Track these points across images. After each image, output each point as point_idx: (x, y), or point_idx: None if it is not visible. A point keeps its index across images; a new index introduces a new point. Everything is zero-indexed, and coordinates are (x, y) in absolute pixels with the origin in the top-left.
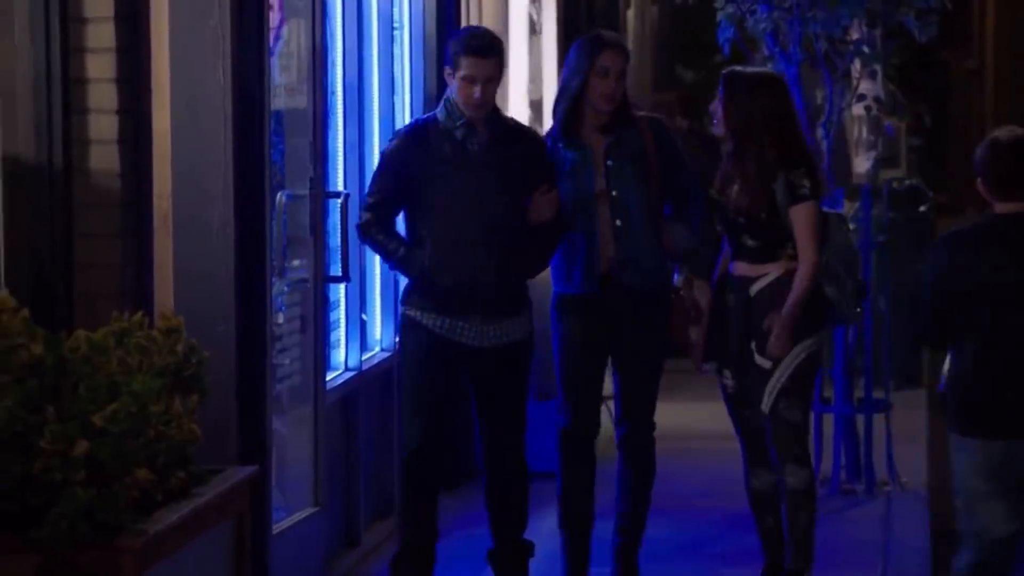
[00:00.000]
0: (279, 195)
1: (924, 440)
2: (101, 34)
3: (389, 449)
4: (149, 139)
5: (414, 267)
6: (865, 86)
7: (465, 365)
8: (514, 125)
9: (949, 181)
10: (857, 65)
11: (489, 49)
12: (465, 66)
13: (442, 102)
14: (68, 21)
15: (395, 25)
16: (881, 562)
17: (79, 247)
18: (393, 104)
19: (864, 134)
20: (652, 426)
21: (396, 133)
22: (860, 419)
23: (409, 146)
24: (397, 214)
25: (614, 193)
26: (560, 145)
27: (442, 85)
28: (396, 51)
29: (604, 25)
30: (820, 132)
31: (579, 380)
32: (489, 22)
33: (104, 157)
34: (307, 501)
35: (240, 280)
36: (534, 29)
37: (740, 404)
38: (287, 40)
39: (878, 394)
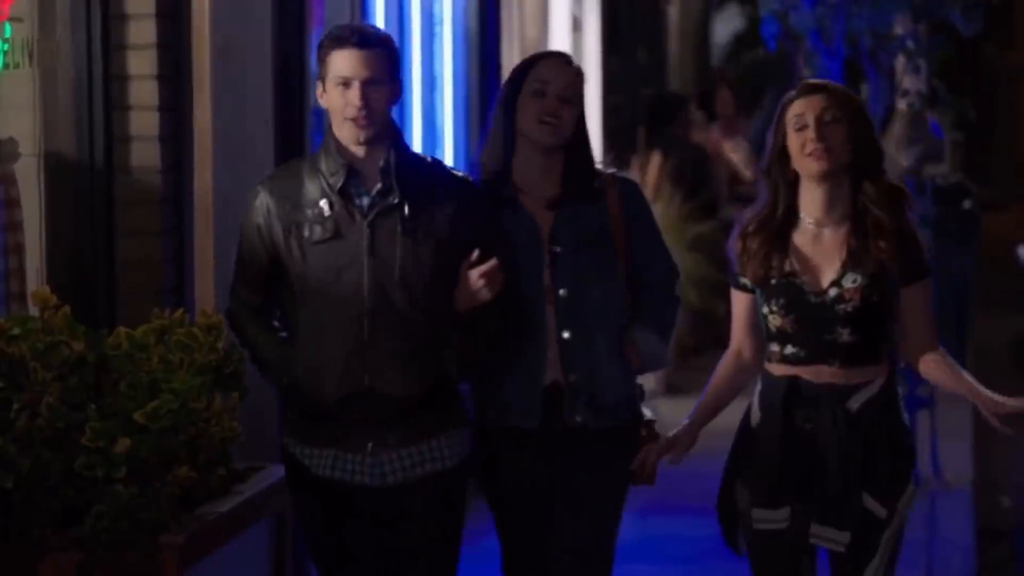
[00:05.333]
0: None
1: (969, 437)
2: (142, 31)
3: None
4: (190, 136)
5: (283, 375)
6: (908, 81)
7: (370, 518)
8: (424, 162)
9: (993, 177)
10: (901, 60)
11: (367, 39)
12: (336, 62)
13: (322, 139)
14: (109, 18)
15: (435, 21)
16: (925, 560)
17: (120, 244)
18: (433, 101)
19: (908, 130)
20: None
21: (258, 183)
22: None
23: (271, 201)
24: (272, 293)
25: (562, 292)
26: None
27: (485, 83)
28: (437, 47)
29: (646, 20)
30: None
31: (524, 554)
32: (531, 18)
33: (145, 154)
34: None
35: None
36: (576, 25)
37: (800, 556)
38: None
39: (922, 391)
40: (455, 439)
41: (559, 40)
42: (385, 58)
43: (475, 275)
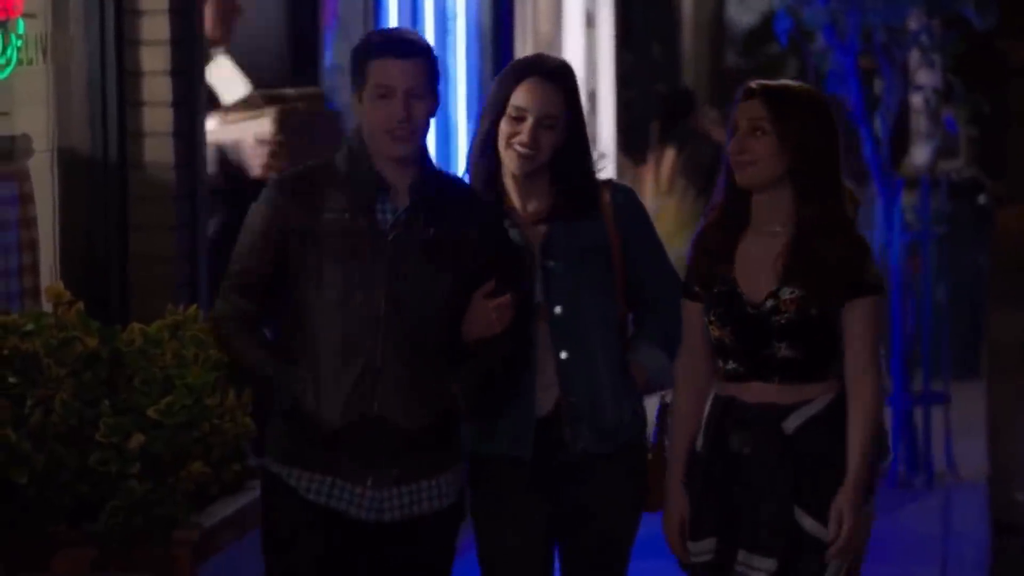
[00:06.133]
0: None
1: (983, 432)
2: (155, 27)
3: None
4: (203, 132)
5: (282, 397)
6: (923, 76)
7: (359, 552)
8: (451, 183)
9: (1008, 171)
10: (915, 55)
11: (412, 48)
12: (375, 72)
13: (344, 145)
14: (123, 14)
15: (449, 17)
16: (940, 555)
17: (133, 239)
18: (447, 97)
19: (923, 125)
20: None
21: (271, 182)
22: (918, 411)
23: (288, 203)
24: (267, 305)
25: (557, 310)
26: None
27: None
28: (450, 42)
29: (660, 15)
30: (879, 123)
31: None
32: (544, 14)
33: (158, 150)
34: None
35: None
36: (590, 21)
37: None
38: (341, 30)
39: (937, 386)
40: (453, 477)
41: (573, 36)
42: (427, 69)
43: (486, 308)
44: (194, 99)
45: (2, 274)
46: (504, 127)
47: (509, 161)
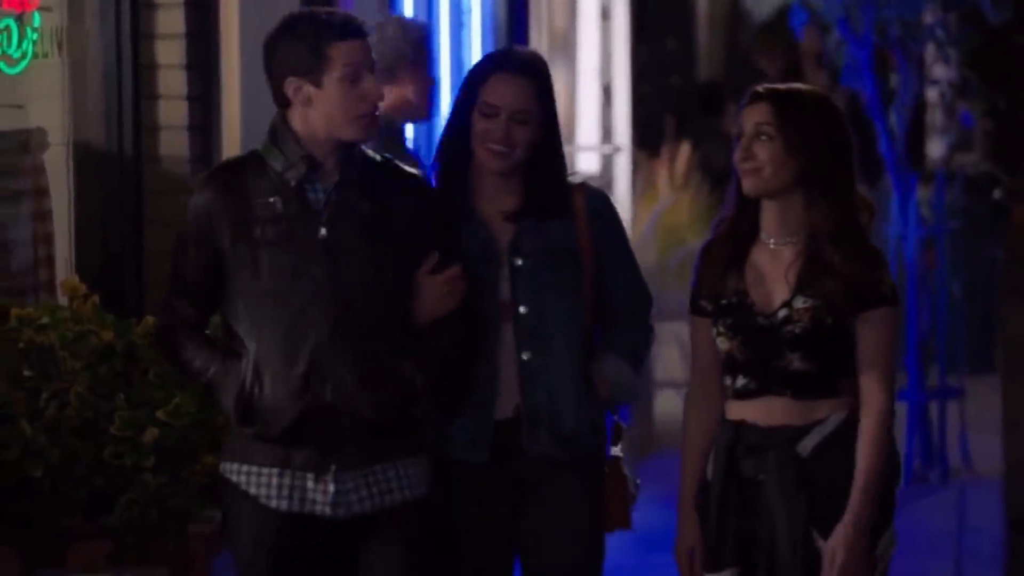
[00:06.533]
0: None
1: (998, 427)
2: (171, 20)
3: None
4: (219, 125)
5: (228, 393)
6: (938, 70)
7: (331, 555)
8: (382, 162)
9: (1023, 166)
10: (931, 49)
11: (363, 26)
12: (343, 55)
13: (268, 133)
14: (139, 7)
15: (464, 10)
16: (955, 551)
17: (148, 233)
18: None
19: (938, 119)
20: None
21: (196, 182)
22: (933, 406)
23: (215, 198)
24: (210, 308)
25: (522, 310)
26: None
27: None
28: (465, 37)
29: (675, 8)
30: (894, 117)
31: None
32: (559, 7)
33: (174, 143)
34: None
35: None
36: (605, 14)
37: None
38: None
39: (952, 381)
40: (420, 468)
41: (587, 29)
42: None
43: (434, 283)
44: (209, 93)
45: (18, 268)
46: (477, 124)
47: (485, 159)
